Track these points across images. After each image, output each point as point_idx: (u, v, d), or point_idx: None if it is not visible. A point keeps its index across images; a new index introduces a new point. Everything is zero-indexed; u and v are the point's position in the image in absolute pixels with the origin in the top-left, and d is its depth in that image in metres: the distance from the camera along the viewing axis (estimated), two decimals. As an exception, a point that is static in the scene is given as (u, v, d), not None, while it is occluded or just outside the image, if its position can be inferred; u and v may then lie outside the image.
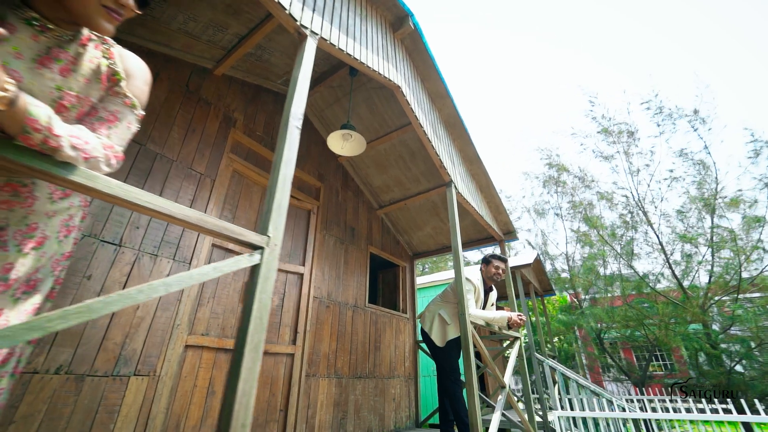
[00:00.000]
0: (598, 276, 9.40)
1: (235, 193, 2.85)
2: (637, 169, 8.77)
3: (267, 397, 2.60)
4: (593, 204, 10.12)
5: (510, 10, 66.86)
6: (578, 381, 4.76)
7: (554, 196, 11.33)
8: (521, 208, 13.62)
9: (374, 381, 3.64)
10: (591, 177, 10.30)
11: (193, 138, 2.60)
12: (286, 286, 3.05)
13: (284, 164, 1.32)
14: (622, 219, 9.07)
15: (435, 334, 2.99)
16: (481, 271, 3.18)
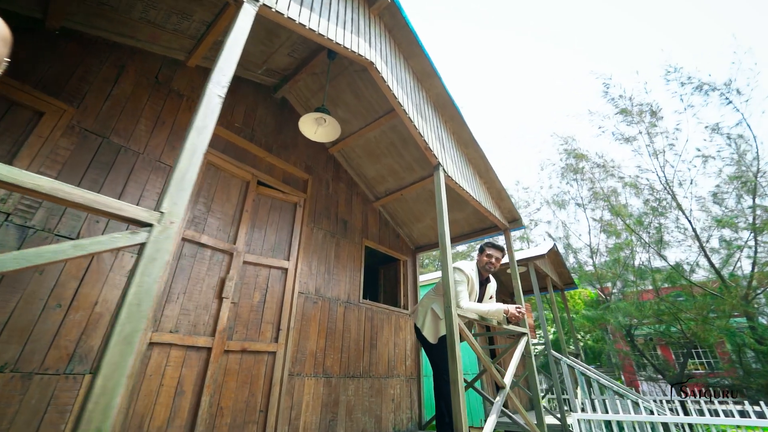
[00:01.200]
0: (626, 267, 8.73)
1: (210, 186, 2.76)
2: (662, 150, 8.02)
3: (246, 397, 2.48)
4: (617, 191, 9.42)
5: (505, 10, 64.43)
6: (599, 381, 4.36)
7: (573, 185, 10.67)
8: (540, 199, 12.97)
9: (370, 381, 3.45)
10: (612, 162, 9.58)
11: (163, 130, 2.52)
12: (269, 281, 2.92)
13: (195, 132, 1.16)
14: (648, 205, 8.35)
15: (427, 330, 2.77)
16: (477, 261, 2.92)
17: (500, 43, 44.95)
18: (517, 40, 43.08)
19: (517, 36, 39.32)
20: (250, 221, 2.95)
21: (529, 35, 71.56)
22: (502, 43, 46.44)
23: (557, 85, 59.74)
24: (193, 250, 2.47)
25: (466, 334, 2.35)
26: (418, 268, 4.88)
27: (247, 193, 2.99)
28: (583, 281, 9.96)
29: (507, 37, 38.27)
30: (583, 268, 10.00)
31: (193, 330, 2.32)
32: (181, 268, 2.37)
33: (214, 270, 2.56)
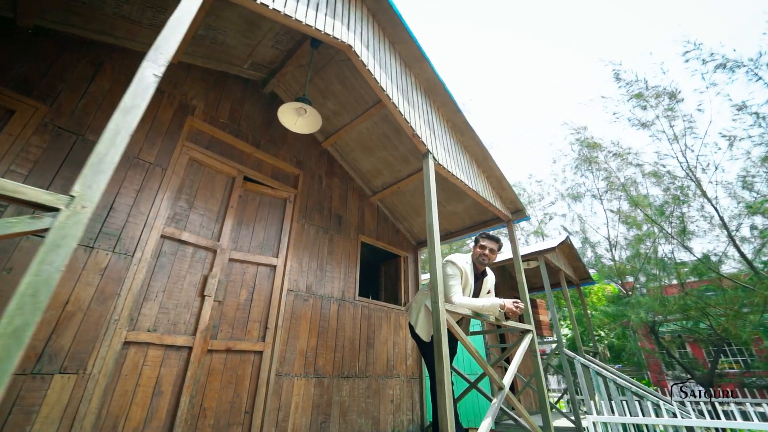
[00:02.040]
0: (647, 260, 8.23)
1: (193, 182, 2.71)
2: (683, 134, 7.45)
3: (230, 398, 2.40)
4: (635, 180, 8.89)
5: (503, 8, 61.63)
6: (616, 380, 4.06)
7: (588, 176, 10.18)
8: (554, 192, 12.49)
9: (366, 381, 3.32)
10: (629, 149, 9.05)
11: (142, 127, 2.49)
12: (256, 279, 2.85)
13: (121, 112, 1.07)
14: (669, 194, 7.81)
15: (420, 327, 2.62)
16: (472, 254, 2.75)
17: (500, 42, 43.36)
18: (516, 38, 41.28)
19: (516, 35, 37.66)
20: (236, 218, 2.89)
21: (528, 33, 68.56)
22: (502, 42, 44.78)
23: (563, 78, 57.38)
24: (173, 248, 2.42)
25: (455, 331, 2.19)
26: (419, 264, 4.72)
27: (232, 189, 2.92)
28: (601, 276, 9.49)
29: (506, 36, 36.83)
30: (601, 263, 9.52)
31: (173, 329, 2.26)
32: (160, 266, 2.32)
33: (196, 267, 2.51)
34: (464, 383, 4.47)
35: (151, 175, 2.43)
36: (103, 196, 2.15)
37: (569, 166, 10.96)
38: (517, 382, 6.02)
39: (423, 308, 2.66)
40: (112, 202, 2.19)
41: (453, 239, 4.59)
